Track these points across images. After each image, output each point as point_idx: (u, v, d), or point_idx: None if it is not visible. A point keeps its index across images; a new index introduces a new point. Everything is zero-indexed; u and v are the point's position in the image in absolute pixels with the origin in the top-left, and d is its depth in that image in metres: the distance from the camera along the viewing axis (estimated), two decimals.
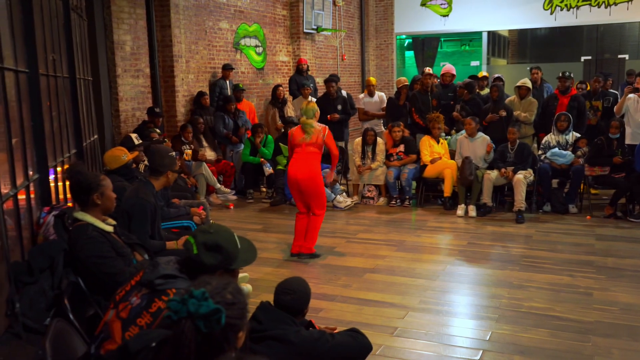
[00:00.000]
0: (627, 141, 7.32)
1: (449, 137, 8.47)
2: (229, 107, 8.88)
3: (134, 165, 5.89)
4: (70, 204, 4.29)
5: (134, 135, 6.60)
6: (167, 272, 2.32)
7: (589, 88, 9.03)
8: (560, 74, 8.24)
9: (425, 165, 7.89)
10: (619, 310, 4.28)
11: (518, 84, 8.34)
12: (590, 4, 13.10)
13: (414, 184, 8.20)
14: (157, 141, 6.95)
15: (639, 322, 4.07)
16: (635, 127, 7.39)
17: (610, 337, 3.85)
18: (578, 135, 7.55)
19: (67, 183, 4.23)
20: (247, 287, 4.78)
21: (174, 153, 4.55)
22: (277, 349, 2.75)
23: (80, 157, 5.43)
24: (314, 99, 9.69)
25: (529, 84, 8.30)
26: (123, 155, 5.18)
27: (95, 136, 6.75)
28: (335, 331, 3.13)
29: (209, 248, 2.35)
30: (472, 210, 7.31)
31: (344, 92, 10.05)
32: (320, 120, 9.16)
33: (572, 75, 8.33)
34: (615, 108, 7.68)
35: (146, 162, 6.15)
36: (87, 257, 3.18)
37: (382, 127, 9.62)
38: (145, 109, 8.20)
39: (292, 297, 2.90)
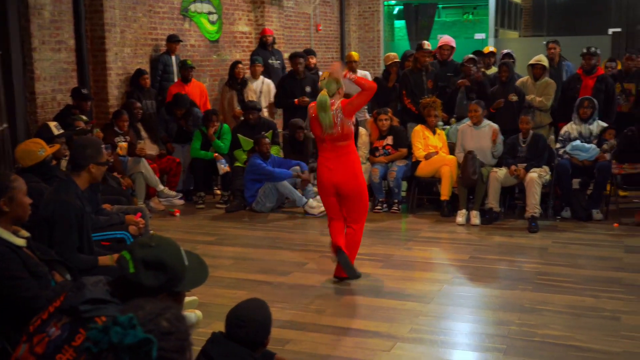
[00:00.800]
0: None
1: (448, 126, 8.55)
2: (177, 111, 8.81)
3: (54, 162, 5.83)
4: None
5: (53, 124, 6.52)
6: (95, 296, 2.30)
7: (619, 67, 9.16)
8: (585, 50, 8.36)
9: (418, 162, 7.95)
10: None
11: (532, 61, 8.44)
12: None
13: (404, 184, 8.26)
14: (83, 131, 6.87)
15: None
16: None
17: None
18: (605, 125, 7.67)
19: None
20: (196, 313, 4.76)
21: (103, 145, 4.52)
22: None
23: None
24: (269, 81, 9.69)
25: (545, 62, 8.41)
26: (40, 149, 5.12)
27: (5, 125, 6.67)
28: None
29: (149, 266, 2.33)
30: (476, 217, 7.39)
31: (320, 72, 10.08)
32: (286, 106, 9.33)
33: (598, 51, 8.46)
34: None
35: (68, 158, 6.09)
36: None
37: (366, 115, 9.67)
38: (69, 90, 8.11)
39: (245, 330, 2.90)
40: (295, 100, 9.08)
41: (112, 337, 1.55)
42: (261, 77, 9.87)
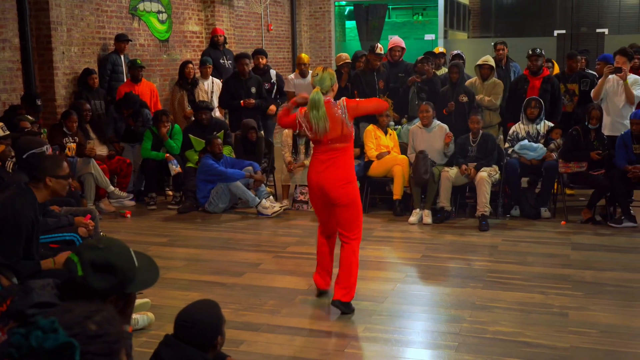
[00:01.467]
0: (607, 132, 7.64)
1: (399, 126, 8.62)
2: (125, 110, 8.70)
3: None
4: None
5: None
6: (42, 300, 2.26)
7: (557, 68, 9.33)
8: (530, 51, 8.49)
9: (370, 162, 8.00)
10: (599, 333, 4.46)
11: (479, 62, 8.58)
12: None
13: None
14: (30, 132, 6.72)
15: (621, 346, 4.27)
16: (615, 116, 7.73)
17: None
18: (551, 124, 7.83)
19: None
20: (148, 315, 4.71)
21: (45, 148, 4.44)
22: None
23: None
24: (218, 81, 9.65)
25: (492, 62, 8.55)
26: None
27: None
28: None
29: (98, 268, 2.30)
30: (428, 216, 7.47)
31: (272, 73, 10.07)
32: (231, 107, 9.27)
33: (543, 52, 8.62)
34: (592, 92, 7.98)
35: (14, 159, 5.95)
36: None
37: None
38: (14, 90, 7.94)
39: (192, 330, 2.88)
40: (242, 102, 9.03)
41: (31, 341, 1.50)
42: (211, 77, 9.81)
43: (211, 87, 9.73)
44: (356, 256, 4.98)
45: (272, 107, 9.29)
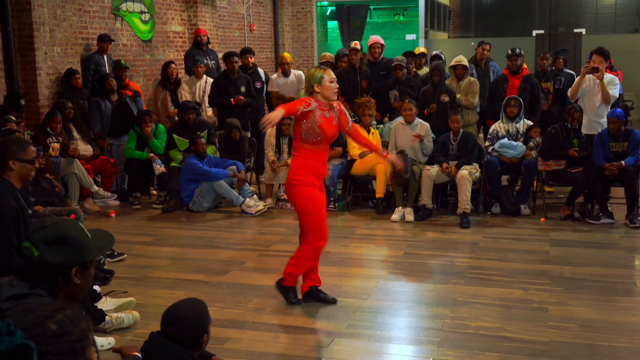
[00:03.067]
0: (584, 131, 7.71)
1: (382, 125, 8.65)
2: (106, 86, 8.66)
3: None
4: None
5: None
6: (15, 292, 2.27)
7: (525, 67, 9.40)
8: (510, 51, 8.56)
9: (353, 160, 8.02)
10: (578, 328, 4.51)
11: (452, 63, 8.65)
12: None
13: (339, 183, 8.31)
14: (8, 131, 6.66)
15: (600, 340, 4.31)
16: (592, 115, 7.79)
17: (568, 359, 4.06)
18: (531, 123, 7.89)
19: None
20: (133, 314, 4.70)
21: (32, 147, 4.39)
22: None
23: None
24: (212, 80, 9.65)
25: (465, 62, 8.62)
26: None
27: None
28: None
29: (51, 243, 2.34)
30: (410, 214, 7.50)
31: (261, 71, 10.08)
32: (221, 105, 9.24)
33: (522, 52, 8.69)
34: (569, 91, 8.02)
35: None
36: None
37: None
38: None
39: (178, 327, 2.88)
40: (232, 100, 9.03)
41: None
42: (204, 77, 9.79)
43: (204, 87, 9.69)
44: (301, 254, 5.01)
45: (240, 98, 9.08)
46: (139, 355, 2.86)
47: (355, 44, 8.89)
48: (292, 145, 8.08)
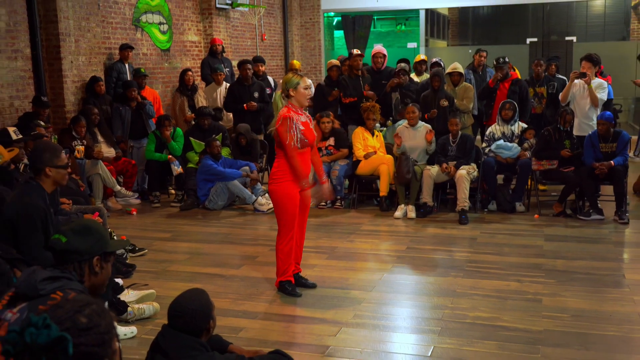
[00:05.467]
0: (575, 132, 7.70)
1: (385, 128, 8.64)
2: (129, 94, 8.70)
3: (12, 166, 5.66)
4: None
5: (12, 130, 6.34)
6: (49, 275, 2.31)
7: (515, 73, 9.39)
8: (495, 62, 8.63)
9: (358, 161, 8.02)
10: (570, 317, 4.50)
11: (448, 70, 8.64)
12: None
13: (346, 182, 8.31)
14: (38, 136, 6.70)
15: (591, 329, 4.31)
16: (582, 117, 7.78)
17: (561, 346, 4.05)
18: (525, 126, 7.88)
19: None
20: (153, 305, 4.71)
21: (64, 153, 4.41)
22: None
23: None
24: (228, 85, 9.67)
25: (461, 69, 8.61)
26: None
27: None
28: (257, 354, 3.14)
29: (77, 232, 2.50)
30: (412, 211, 7.49)
31: (270, 79, 10.10)
32: (235, 110, 9.25)
33: (507, 59, 8.71)
34: (560, 95, 8.04)
35: (26, 161, 5.93)
36: None
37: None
38: (26, 97, 7.89)
39: (184, 319, 2.88)
40: (245, 105, 9.04)
41: (26, 337, 1.49)
42: (224, 83, 9.80)
43: (224, 93, 9.70)
44: (277, 252, 5.03)
45: (253, 104, 9.09)
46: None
47: (356, 51, 8.88)
48: None
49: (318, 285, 5.26)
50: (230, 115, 9.71)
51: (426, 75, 9.46)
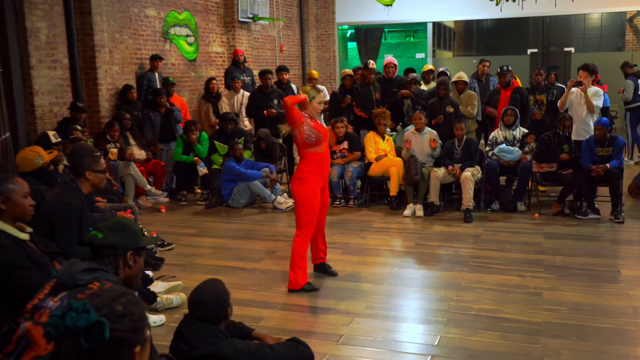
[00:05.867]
0: (573, 137, 7.64)
1: (394, 133, 8.62)
2: (158, 100, 8.75)
3: (52, 167, 5.71)
4: None
5: (52, 133, 6.41)
6: (87, 266, 2.36)
7: (516, 81, 9.34)
8: (499, 69, 8.60)
9: (370, 163, 8.00)
10: (568, 310, 4.47)
11: (454, 79, 8.60)
12: None
13: (358, 182, 8.30)
14: (75, 139, 6.75)
15: (588, 321, 4.27)
16: (579, 123, 7.73)
17: (559, 337, 4.02)
18: (525, 130, 7.84)
19: None
20: (180, 296, 4.73)
21: (102, 159, 4.45)
22: None
23: None
24: (248, 93, 9.69)
25: (465, 78, 8.57)
26: (36, 158, 5.01)
27: (7, 134, 6.51)
28: (277, 341, 3.14)
29: (112, 229, 2.54)
30: (420, 210, 7.47)
31: (293, 86, 10.11)
32: (256, 116, 9.28)
33: (510, 68, 8.69)
34: (558, 103, 7.99)
35: (66, 162, 5.97)
36: None
37: (324, 124, 9.69)
38: (64, 103, 7.96)
39: (203, 309, 2.88)
40: (265, 112, 9.06)
41: (67, 321, 1.51)
42: (241, 91, 9.83)
43: (241, 100, 9.73)
44: (294, 246, 4.96)
45: (272, 110, 9.11)
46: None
47: (372, 64, 8.86)
48: None
49: (332, 278, 5.26)
50: (247, 121, 9.73)
51: (433, 84, 9.42)
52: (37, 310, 2.29)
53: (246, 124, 9.75)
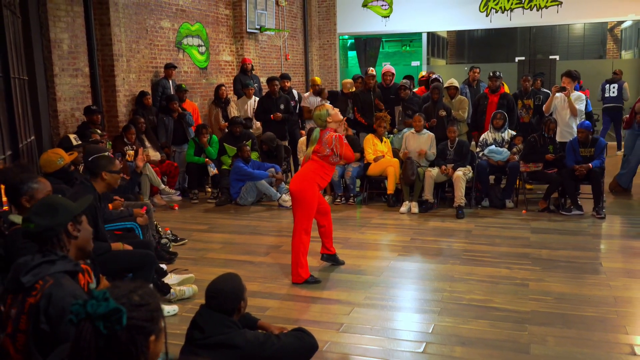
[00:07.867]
0: (557, 139, 7.63)
1: (392, 135, 8.60)
2: (171, 106, 8.74)
3: (72, 168, 5.70)
4: (6, 208, 4.12)
5: (72, 136, 6.39)
6: (30, 267, 2.25)
7: (504, 87, 9.30)
8: (491, 74, 8.57)
9: (368, 164, 7.98)
10: (553, 300, 4.45)
11: (446, 84, 8.59)
12: (523, 7, 13.58)
13: (358, 181, 8.29)
14: (94, 141, 6.75)
15: (572, 310, 4.25)
16: (563, 126, 7.73)
17: (545, 325, 4.00)
18: (514, 133, 7.82)
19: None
20: (192, 287, 4.72)
21: (107, 153, 4.44)
22: (225, 355, 2.73)
23: (15, 158, 5.22)
24: (257, 99, 9.69)
25: (457, 83, 8.55)
26: (58, 159, 5.00)
27: (32, 137, 6.51)
28: (282, 331, 3.13)
29: (40, 213, 2.34)
30: (415, 207, 7.45)
31: (295, 92, 10.09)
32: (264, 120, 9.28)
33: (501, 74, 8.67)
34: (544, 107, 8.01)
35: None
36: None
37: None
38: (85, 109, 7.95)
39: (218, 300, 2.86)
40: (271, 116, 9.05)
41: (87, 308, 1.53)
42: (253, 97, 9.82)
43: (253, 105, 9.72)
44: (297, 248, 4.95)
45: (278, 114, 9.11)
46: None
47: (372, 71, 8.84)
48: None
49: (334, 271, 5.26)
50: (259, 124, 9.72)
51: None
52: (6, 321, 2.26)
53: (257, 126, 9.74)
